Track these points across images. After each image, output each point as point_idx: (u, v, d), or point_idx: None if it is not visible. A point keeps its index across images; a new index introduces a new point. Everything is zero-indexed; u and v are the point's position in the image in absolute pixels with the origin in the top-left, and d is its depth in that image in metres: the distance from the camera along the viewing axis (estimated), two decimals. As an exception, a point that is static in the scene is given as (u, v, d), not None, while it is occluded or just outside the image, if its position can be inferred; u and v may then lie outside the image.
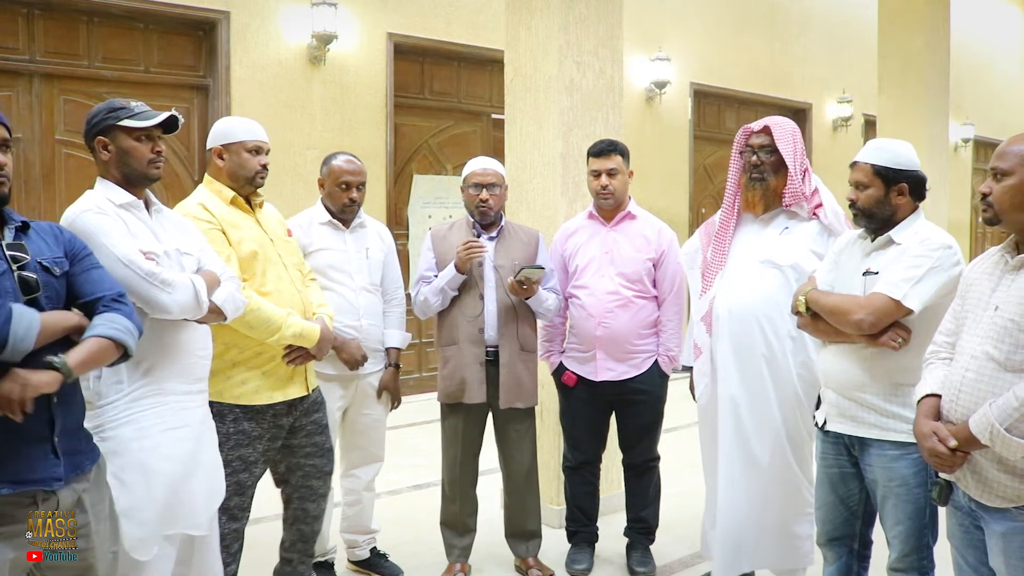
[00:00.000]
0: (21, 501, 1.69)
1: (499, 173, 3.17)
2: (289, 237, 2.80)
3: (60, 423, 1.74)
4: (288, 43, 5.78)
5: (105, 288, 1.85)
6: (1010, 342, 1.80)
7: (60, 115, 5.16)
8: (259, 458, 2.60)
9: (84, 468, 1.82)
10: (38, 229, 1.84)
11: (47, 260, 1.79)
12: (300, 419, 2.68)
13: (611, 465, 3.73)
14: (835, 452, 2.40)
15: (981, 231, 11.74)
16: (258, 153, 2.64)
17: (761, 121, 2.84)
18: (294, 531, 2.80)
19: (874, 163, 2.31)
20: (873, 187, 2.30)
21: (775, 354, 2.72)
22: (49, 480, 1.72)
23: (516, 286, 2.99)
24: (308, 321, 2.62)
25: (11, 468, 1.67)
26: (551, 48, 3.79)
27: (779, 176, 2.78)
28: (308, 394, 2.70)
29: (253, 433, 2.55)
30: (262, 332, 2.49)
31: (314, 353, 2.64)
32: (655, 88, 7.81)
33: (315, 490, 2.77)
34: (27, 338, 1.63)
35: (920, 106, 6.64)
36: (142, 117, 2.10)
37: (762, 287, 2.73)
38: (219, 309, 2.19)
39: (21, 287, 1.71)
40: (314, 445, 2.74)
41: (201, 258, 2.24)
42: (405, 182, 6.58)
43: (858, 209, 2.33)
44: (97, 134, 2.12)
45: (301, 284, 2.72)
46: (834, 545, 2.49)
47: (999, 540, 1.82)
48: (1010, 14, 12.10)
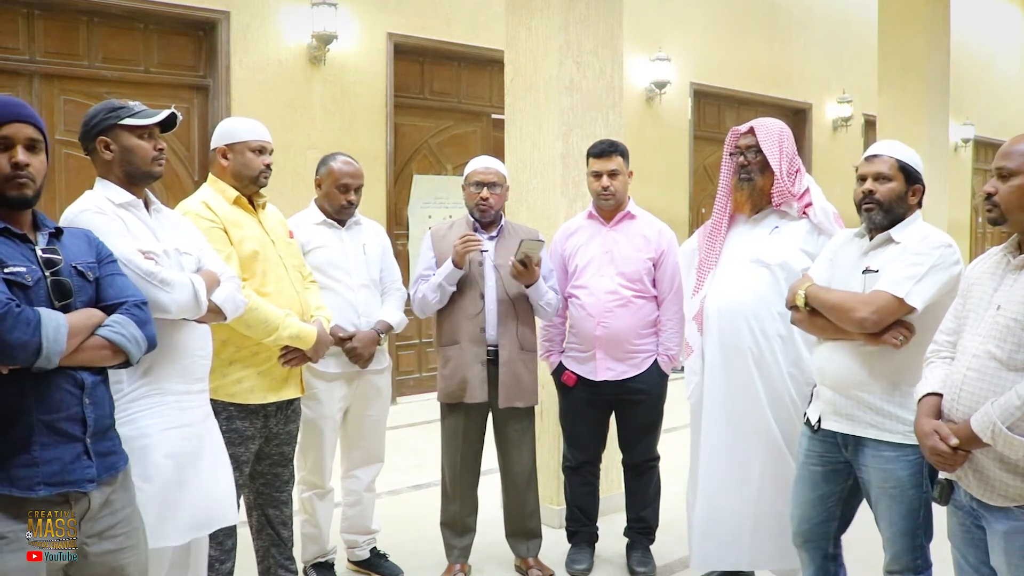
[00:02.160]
0: (55, 501, 1.70)
1: (501, 173, 3.18)
2: (291, 239, 2.81)
3: (92, 424, 1.74)
4: (288, 43, 5.78)
5: (128, 294, 1.86)
6: (1012, 341, 1.80)
7: (60, 115, 5.16)
8: (250, 458, 2.62)
9: (117, 468, 1.82)
10: (71, 234, 1.85)
11: (82, 265, 1.80)
12: (279, 425, 2.70)
13: (611, 465, 3.73)
14: (824, 450, 2.38)
15: (981, 231, 11.74)
16: (262, 153, 2.65)
17: (748, 123, 2.87)
18: (264, 537, 2.82)
19: (900, 158, 2.30)
20: (896, 181, 2.29)
21: (763, 353, 2.72)
22: (83, 482, 1.72)
23: (518, 266, 2.98)
24: (306, 323, 2.64)
25: (47, 469, 1.67)
26: (551, 48, 3.79)
27: (765, 176, 2.80)
28: (296, 399, 2.72)
29: (246, 433, 2.57)
30: (259, 332, 2.50)
31: (310, 355, 2.66)
32: (655, 88, 7.81)
33: (276, 498, 2.79)
34: (58, 340, 1.64)
35: (920, 106, 6.64)
36: (143, 115, 2.11)
37: (751, 286, 2.74)
38: (219, 309, 2.19)
39: (55, 292, 1.72)
40: (281, 454, 2.77)
41: (201, 257, 2.24)
42: (405, 182, 6.58)
43: (875, 201, 2.29)
44: (98, 134, 2.11)
45: (301, 286, 2.74)
46: (808, 547, 2.48)
47: (1001, 539, 1.82)
48: (1010, 14, 12.11)
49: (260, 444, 2.68)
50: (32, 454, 1.66)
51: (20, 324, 1.59)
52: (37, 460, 1.66)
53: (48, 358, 1.64)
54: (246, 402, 2.56)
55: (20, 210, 1.76)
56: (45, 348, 1.62)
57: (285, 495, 2.82)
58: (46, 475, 1.67)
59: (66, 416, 1.69)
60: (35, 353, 1.62)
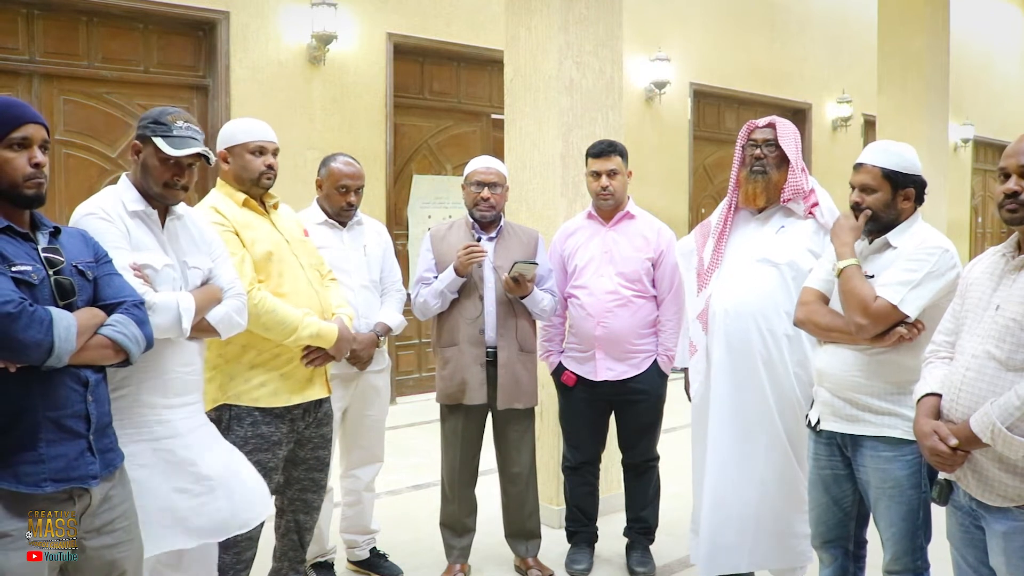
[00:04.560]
0: (58, 498, 1.71)
1: (501, 173, 3.17)
2: (306, 237, 2.78)
3: (95, 420, 1.76)
4: (288, 43, 5.78)
5: (126, 294, 1.87)
6: (1012, 341, 1.80)
7: (60, 115, 5.15)
8: (278, 464, 2.57)
9: (116, 464, 1.84)
10: (68, 234, 1.87)
11: (82, 264, 1.82)
12: (310, 428, 2.66)
13: (611, 465, 3.73)
14: (828, 453, 2.39)
15: (981, 231, 11.74)
16: (262, 154, 2.61)
17: (766, 118, 2.86)
18: (286, 541, 2.80)
19: (883, 166, 2.29)
20: (881, 191, 2.28)
21: (771, 352, 2.72)
22: (87, 478, 1.74)
23: (510, 283, 2.99)
24: (326, 321, 2.60)
25: (53, 466, 1.69)
26: (551, 48, 3.79)
27: (780, 171, 2.79)
28: (324, 400, 2.69)
29: (272, 438, 2.52)
30: (278, 334, 2.47)
31: (332, 354, 2.62)
32: (655, 88, 7.81)
33: (310, 503, 2.77)
34: (69, 339, 1.66)
35: (920, 106, 6.64)
36: (173, 143, 2.08)
37: (758, 285, 2.73)
38: (211, 328, 2.16)
39: (57, 291, 1.73)
40: (317, 459, 2.73)
41: (213, 269, 2.22)
42: (405, 182, 6.58)
43: (862, 212, 2.30)
44: (137, 136, 2.14)
45: (319, 284, 2.69)
46: (829, 547, 2.48)
47: (1000, 539, 1.82)
48: (1010, 14, 12.10)
49: (293, 449, 2.64)
50: (38, 451, 1.67)
51: (34, 323, 1.61)
52: (43, 456, 1.68)
53: (59, 357, 1.65)
54: (270, 406, 2.51)
55: (34, 208, 1.78)
56: (57, 347, 1.64)
57: (319, 500, 2.79)
58: (52, 471, 1.69)
59: (71, 413, 1.71)
60: (47, 352, 1.63)
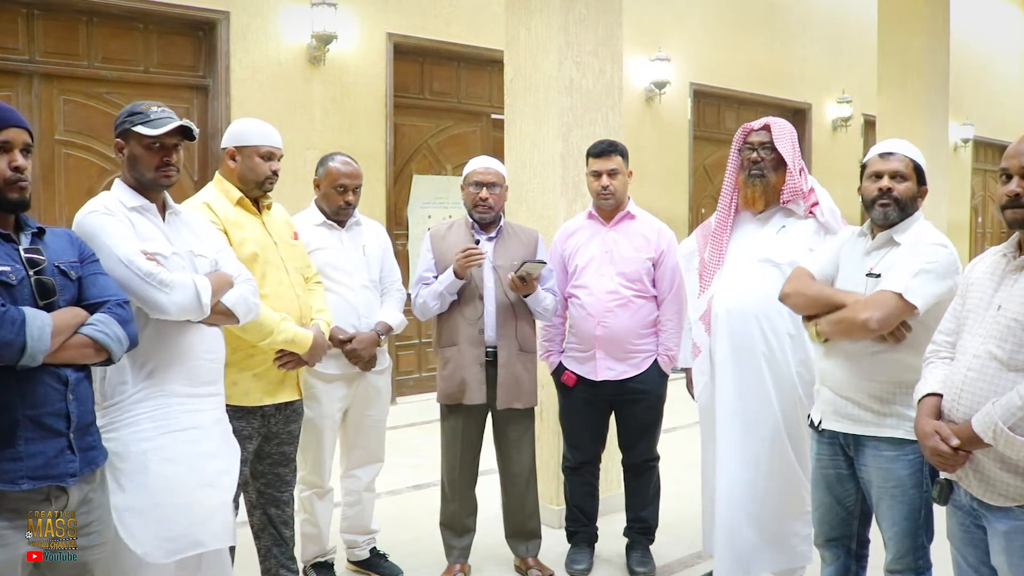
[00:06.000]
0: (34, 497, 1.71)
1: (500, 173, 3.17)
2: (295, 240, 2.80)
3: (76, 418, 1.76)
4: (288, 43, 5.78)
5: (110, 293, 1.87)
6: (1013, 341, 1.80)
7: (60, 115, 5.14)
8: (248, 457, 2.60)
9: (97, 463, 1.84)
10: (53, 234, 1.87)
11: (65, 264, 1.82)
12: (279, 425, 2.70)
13: (611, 465, 3.72)
14: (830, 453, 2.39)
15: (980, 231, 11.74)
16: (270, 159, 2.65)
17: (761, 120, 2.86)
18: (265, 537, 2.81)
19: (914, 159, 2.32)
20: (911, 181, 2.31)
21: (774, 352, 2.72)
22: (65, 476, 1.74)
23: (516, 281, 2.99)
24: (302, 327, 2.62)
25: (31, 463, 1.69)
26: (551, 48, 3.79)
27: (778, 173, 2.80)
28: (296, 400, 2.72)
29: (243, 432, 2.54)
30: (254, 335, 2.49)
31: (306, 359, 2.65)
32: (655, 88, 7.80)
33: (278, 498, 2.79)
34: (42, 338, 1.66)
35: (920, 106, 6.64)
36: (154, 124, 2.10)
37: (760, 286, 2.73)
38: (229, 311, 2.18)
39: (39, 291, 1.74)
40: (282, 454, 2.76)
41: (218, 259, 2.24)
42: (405, 182, 6.58)
43: (892, 199, 2.28)
44: (118, 136, 2.15)
45: (301, 289, 2.72)
46: (831, 546, 2.48)
47: (1002, 539, 1.82)
48: (1010, 14, 12.10)
49: (260, 443, 2.67)
50: (16, 448, 1.68)
51: (5, 323, 1.62)
52: (21, 454, 1.68)
53: (32, 356, 1.65)
54: (240, 404, 2.54)
55: (19, 212, 1.78)
56: (29, 347, 1.64)
57: (287, 495, 2.82)
58: (30, 469, 1.69)
59: (50, 412, 1.71)
60: (19, 352, 1.64)
